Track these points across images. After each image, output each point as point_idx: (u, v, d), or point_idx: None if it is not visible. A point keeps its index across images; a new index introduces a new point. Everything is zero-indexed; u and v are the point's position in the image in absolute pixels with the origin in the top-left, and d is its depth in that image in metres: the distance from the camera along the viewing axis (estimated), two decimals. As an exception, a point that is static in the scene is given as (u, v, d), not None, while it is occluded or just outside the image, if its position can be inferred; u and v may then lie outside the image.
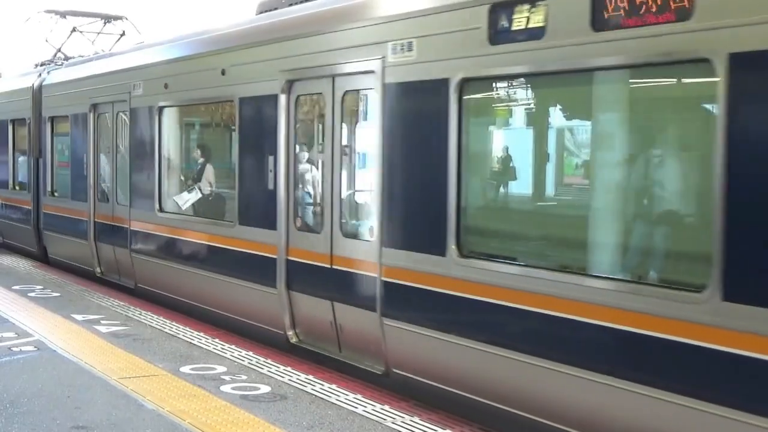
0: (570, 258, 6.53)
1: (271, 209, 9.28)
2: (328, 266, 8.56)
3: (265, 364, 8.52)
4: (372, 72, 7.87)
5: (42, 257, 16.62)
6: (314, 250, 8.77)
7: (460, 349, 6.97)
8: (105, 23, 18.88)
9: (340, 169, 8.51)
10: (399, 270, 7.57)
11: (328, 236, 8.57)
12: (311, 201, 9.33)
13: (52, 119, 16.14)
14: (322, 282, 8.66)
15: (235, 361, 8.58)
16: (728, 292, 5.05)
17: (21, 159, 18.10)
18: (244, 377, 7.94)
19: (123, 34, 18.71)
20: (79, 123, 14.54)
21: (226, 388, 7.52)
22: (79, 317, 10.61)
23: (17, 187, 18.18)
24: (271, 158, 9.28)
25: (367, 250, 8.03)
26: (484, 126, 7.39)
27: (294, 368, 8.36)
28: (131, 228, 12.65)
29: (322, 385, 7.78)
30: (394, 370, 7.78)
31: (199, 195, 11.76)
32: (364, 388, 7.81)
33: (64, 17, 18.74)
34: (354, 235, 8.54)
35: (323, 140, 8.72)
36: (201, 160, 11.97)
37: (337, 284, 8.46)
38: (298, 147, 9.20)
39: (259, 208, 9.65)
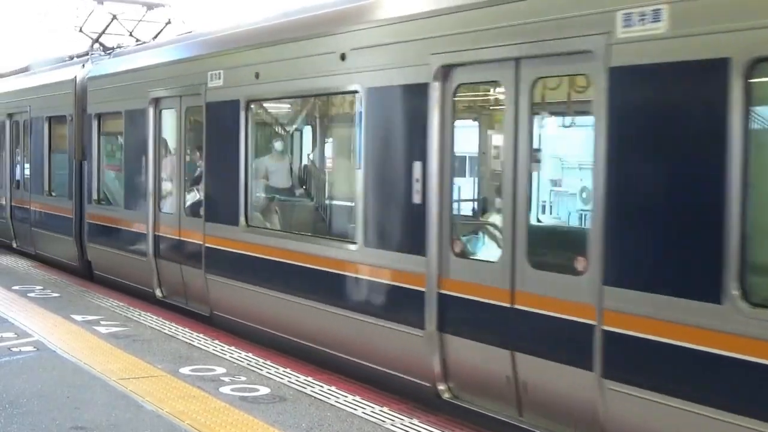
0: None
1: (416, 229, 7.31)
2: (507, 305, 6.61)
3: (264, 365, 8.43)
4: (588, 52, 5.90)
5: (85, 273, 14.46)
6: (485, 283, 6.80)
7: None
8: (147, 10, 16.97)
9: (528, 179, 6.52)
10: (632, 318, 5.61)
11: (508, 266, 6.59)
12: (480, 220, 7.36)
13: (100, 116, 13.96)
14: (497, 325, 6.71)
15: (234, 363, 8.52)
16: None
17: (59, 161, 15.94)
18: (243, 378, 7.92)
19: (168, 23, 16.66)
20: (136, 120, 12.42)
21: (225, 390, 7.51)
22: (78, 318, 10.57)
23: (54, 193, 16.08)
24: (417, 165, 7.31)
25: (576, 287, 6.05)
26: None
27: (293, 370, 8.22)
28: (206, 245, 10.57)
29: (322, 386, 7.68)
30: (618, 450, 5.82)
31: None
32: (363, 390, 7.57)
33: (101, 3, 16.74)
34: (549, 266, 6.53)
35: (502, 142, 6.74)
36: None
37: (522, 329, 6.52)
38: (457, 150, 7.23)
39: (397, 227, 7.72)
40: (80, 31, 17.01)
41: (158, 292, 11.94)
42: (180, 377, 7.89)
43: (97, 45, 16.64)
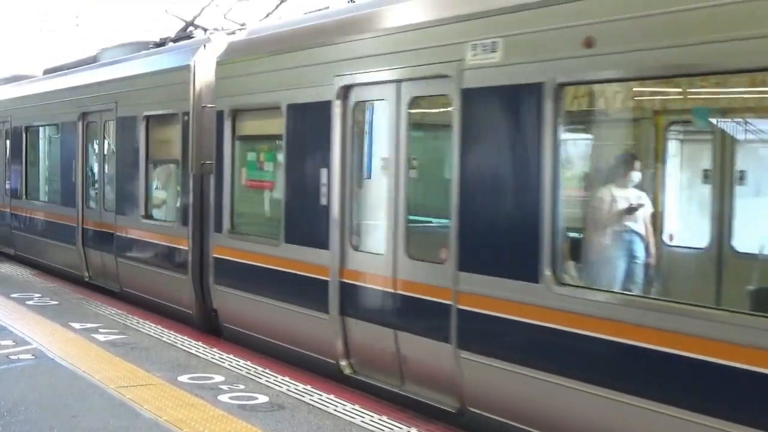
0: None
1: None
2: None
3: (263, 373, 8.42)
4: None
5: (203, 324, 11.02)
6: None
7: None
8: None
9: None
10: None
11: None
12: None
13: (236, 113, 10.30)
14: None
15: (233, 371, 8.51)
16: None
17: (164, 175, 12.54)
18: (242, 387, 7.91)
19: (283, 0, 13.22)
20: (307, 118, 9.03)
21: (224, 398, 7.51)
22: (77, 325, 10.57)
23: (157, 216, 12.44)
24: None
25: None
26: None
27: (292, 378, 8.23)
28: (460, 307, 7.04)
29: (320, 395, 7.68)
30: None
31: None
32: (362, 399, 7.60)
33: None
34: None
35: None
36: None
37: None
38: None
39: None
40: (166, 12, 14.69)
41: (344, 365, 8.45)
42: (178, 385, 7.87)
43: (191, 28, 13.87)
